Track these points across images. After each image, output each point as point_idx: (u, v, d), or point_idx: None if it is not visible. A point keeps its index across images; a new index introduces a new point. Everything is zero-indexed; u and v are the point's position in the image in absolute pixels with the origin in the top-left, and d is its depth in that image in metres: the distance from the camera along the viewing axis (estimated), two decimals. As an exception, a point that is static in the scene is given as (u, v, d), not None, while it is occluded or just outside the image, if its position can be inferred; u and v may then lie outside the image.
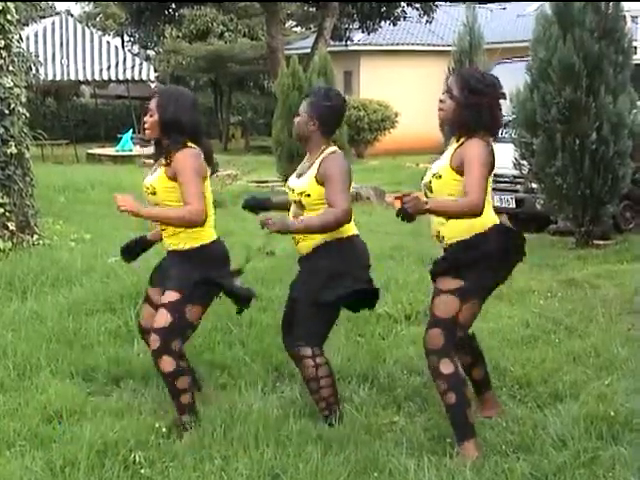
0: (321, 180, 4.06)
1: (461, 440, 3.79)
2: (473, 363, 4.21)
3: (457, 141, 3.86)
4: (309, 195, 4.11)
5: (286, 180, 4.49)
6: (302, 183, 4.16)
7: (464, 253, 3.82)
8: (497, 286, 4.03)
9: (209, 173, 4.14)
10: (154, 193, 4.07)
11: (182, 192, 3.95)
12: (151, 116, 4.07)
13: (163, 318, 4.01)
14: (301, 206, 4.15)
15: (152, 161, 4.29)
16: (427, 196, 3.90)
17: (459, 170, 3.77)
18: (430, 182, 3.89)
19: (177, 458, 3.75)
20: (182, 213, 3.94)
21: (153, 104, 4.08)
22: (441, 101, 3.92)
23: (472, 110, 3.77)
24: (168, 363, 3.98)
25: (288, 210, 4.33)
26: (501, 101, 3.88)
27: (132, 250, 4.49)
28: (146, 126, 4.11)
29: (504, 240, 3.89)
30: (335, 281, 4.07)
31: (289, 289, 4.36)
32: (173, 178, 3.99)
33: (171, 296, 4.03)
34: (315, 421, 4.13)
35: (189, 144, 4.02)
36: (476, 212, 3.67)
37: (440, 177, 3.84)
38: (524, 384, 4.69)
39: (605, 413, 4.05)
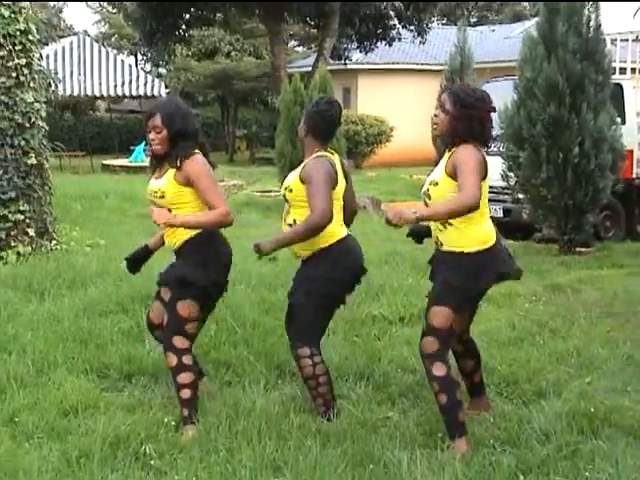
0: (302, 179, 4.12)
1: (452, 437, 3.80)
2: (476, 367, 4.22)
3: (449, 150, 3.87)
4: (291, 190, 4.18)
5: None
6: (288, 179, 4.26)
7: (457, 270, 3.79)
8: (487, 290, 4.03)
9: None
10: (163, 197, 4.02)
11: (206, 198, 3.93)
12: (158, 132, 3.97)
13: (164, 317, 4.11)
14: (286, 200, 4.24)
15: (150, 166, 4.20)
16: (426, 203, 3.89)
17: (453, 175, 3.75)
18: (428, 190, 3.89)
19: (185, 450, 3.75)
20: (214, 217, 3.92)
21: (158, 121, 3.96)
22: (435, 116, 3.95)
23: (464, 122, 3.79)
24: (171, 358, 4.03)
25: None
26: (491, 114, 3.90)
27: (137, 260, 4.44)
28: (155, 143, 3.99)
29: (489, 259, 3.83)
30: (329, 287, 4.11)
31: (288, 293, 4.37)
32: (184, 183, 3.96)
33: (165, 294, 4.10)
34: (314, 416, 4.13)
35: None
36: (472, 204, 3.60)
37: (437, 184, 3.84)
38: (510, 382, 4.69)
39: (586, 409, 4.06)
